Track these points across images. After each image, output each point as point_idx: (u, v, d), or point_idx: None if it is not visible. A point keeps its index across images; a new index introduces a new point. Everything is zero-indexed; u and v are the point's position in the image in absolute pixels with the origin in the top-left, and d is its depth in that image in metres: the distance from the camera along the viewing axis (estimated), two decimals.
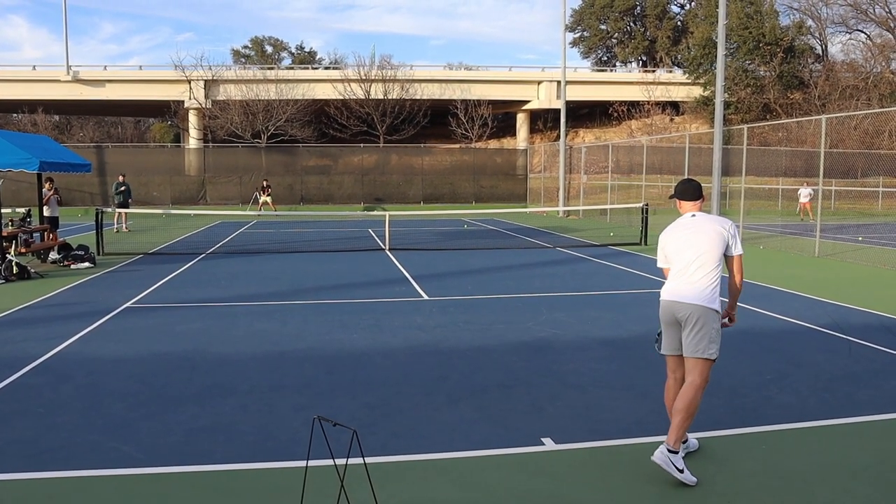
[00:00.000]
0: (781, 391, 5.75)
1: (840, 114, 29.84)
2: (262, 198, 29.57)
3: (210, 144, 41.07)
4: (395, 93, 46.56)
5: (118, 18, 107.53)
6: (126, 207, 21.44)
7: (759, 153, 32.09)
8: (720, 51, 18.44)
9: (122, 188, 22.02)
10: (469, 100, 46.54)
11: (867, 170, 34.96)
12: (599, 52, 70.67)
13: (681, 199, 4.50)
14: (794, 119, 28.18)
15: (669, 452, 4.02)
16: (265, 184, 30.14)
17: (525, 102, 53.37)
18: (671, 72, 57.69)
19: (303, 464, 4.09)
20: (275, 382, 5.99)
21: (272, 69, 52.44)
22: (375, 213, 32.30)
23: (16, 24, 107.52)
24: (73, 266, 13.28)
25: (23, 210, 17.12)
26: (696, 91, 48.80)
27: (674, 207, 4.64)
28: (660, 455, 4.04)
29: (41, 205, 16.06)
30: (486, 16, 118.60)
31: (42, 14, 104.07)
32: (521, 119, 54.94)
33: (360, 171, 36.85)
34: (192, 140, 47.03)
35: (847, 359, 6.74)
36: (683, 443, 4.33)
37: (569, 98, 33.38)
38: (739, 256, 4.33)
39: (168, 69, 46.85)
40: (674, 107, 51.79)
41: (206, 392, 5.74)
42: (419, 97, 46.70)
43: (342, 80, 46.57)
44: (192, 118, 48.14)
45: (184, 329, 8.05)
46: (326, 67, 56.21)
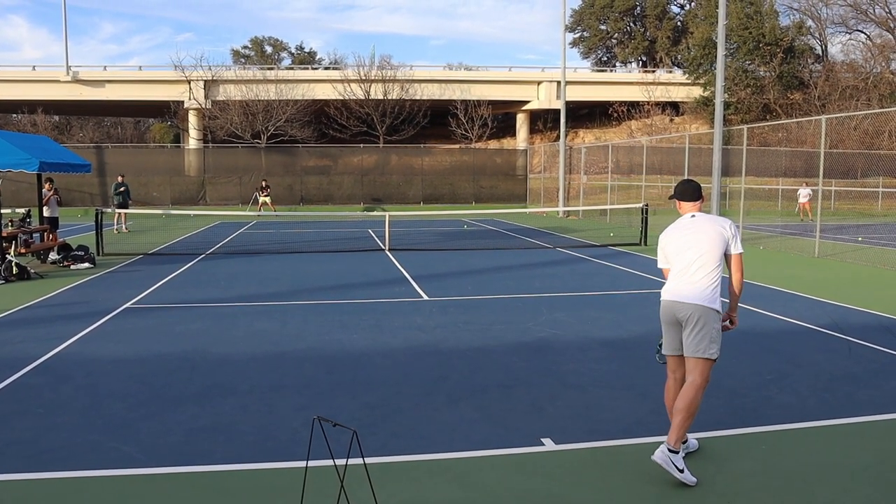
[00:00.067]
0: (781, 391, 5.75)
1: (840, 114, 29.84)
2: (262, 198, 29.58)
3: (210, 145, 41.09)
4: (395, 93, 46.53)
5: (118, 18, 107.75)
6: (125, 208, 21.46)
7: (759, 153, 32.13)
8: (720, 51, 18.45)
9: (122, 188, 22.01)
10: (469, 100, 46.49)
11: (867, 170, 34.95)
12: (599, 53, 70.74)
13: (680, 200, 4.50)
14: (794, 119, 28.20)
15: (670, 452, 4.03)
16: (264, 184, 30.14)
17: (525, 103, 53.33)
18: (671, 72, 57.67)
19: (303, 464, 4.09)
20: (275, 382, 5.99)
21: (272, 69, 52.39)
22: (375, 214, 32.30)
23: (16, 24, 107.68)
24: (73, 266, 13.29)
25: (23, 210, 17.11)
26: (696, 91, 48.80)
27: (673, 208, 4.64)
28: (660, 455, 4.05)
29: (41, 205, 16.06)
30: (486, 16, 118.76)
31: (42, 14, 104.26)
32: (521, 119, 54.91)
33: (360, 172, 36.84)
34: (192, 140, 47.03)
35: (847, 359, 6.75)
36: (683, 443, 4.33)
37: (569, 98, 33.38)
38: (739, 255, 4.34)
39: (168, 69, 46.81)
40: (674, 107, 51.78)
41: (206, 392, 5.74)
42: (419, 97, 46.66)
43: (342, 81, 46.53)
44: (192, 118, 48.12)
45: (183, 329, 8.05)
46: (326, 68, 56.15)
